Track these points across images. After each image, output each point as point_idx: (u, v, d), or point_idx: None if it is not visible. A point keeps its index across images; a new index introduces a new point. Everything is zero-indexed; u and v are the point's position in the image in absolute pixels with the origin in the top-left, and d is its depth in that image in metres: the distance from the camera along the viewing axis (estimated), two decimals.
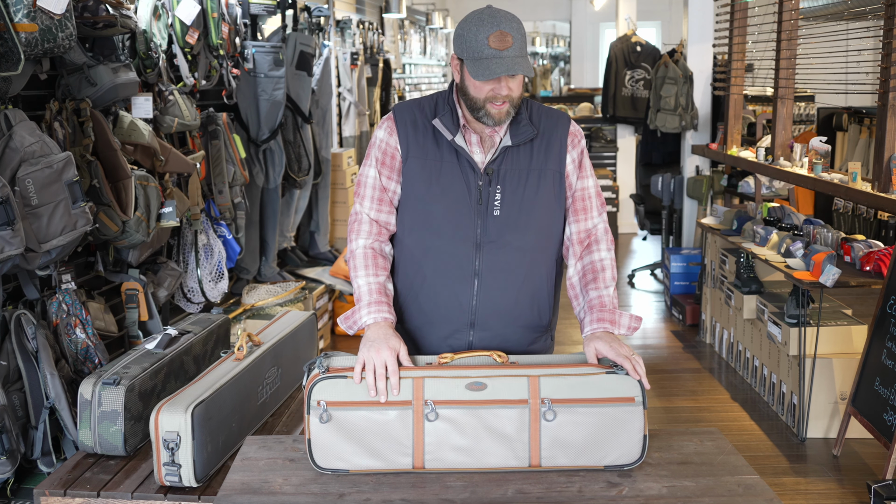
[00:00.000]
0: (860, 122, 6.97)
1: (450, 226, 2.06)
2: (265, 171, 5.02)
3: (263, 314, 4.73)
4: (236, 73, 4.55)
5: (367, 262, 2.08)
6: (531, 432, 1.85)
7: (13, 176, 2.67)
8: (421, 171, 2.07)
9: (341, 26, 6.97)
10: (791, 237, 4.41)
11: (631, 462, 1.88)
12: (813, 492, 3.51)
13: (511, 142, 2.05)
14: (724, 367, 5.04)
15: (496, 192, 2.05)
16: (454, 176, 2.05)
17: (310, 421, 1.86)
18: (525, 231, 2.07)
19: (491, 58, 1.93)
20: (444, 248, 2.07)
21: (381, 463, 1.86)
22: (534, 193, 2.07)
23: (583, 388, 1.86)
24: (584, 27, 14.05)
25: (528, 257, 2.09)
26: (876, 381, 3.57)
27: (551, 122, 2.12)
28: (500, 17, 1.94)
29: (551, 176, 2.09)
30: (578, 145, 2.14)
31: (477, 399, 1.84)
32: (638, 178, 7.59)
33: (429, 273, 2.09)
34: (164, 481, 2.29)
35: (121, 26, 3.27)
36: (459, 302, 2.08)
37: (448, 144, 2.06)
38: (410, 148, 2.09)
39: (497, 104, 1.99)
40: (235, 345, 2.65)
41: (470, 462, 1.86)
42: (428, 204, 2.07)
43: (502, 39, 1.93)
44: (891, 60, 3.96)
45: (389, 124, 2.12)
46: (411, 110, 2.12)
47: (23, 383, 2.83)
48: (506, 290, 2.08)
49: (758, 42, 5.97)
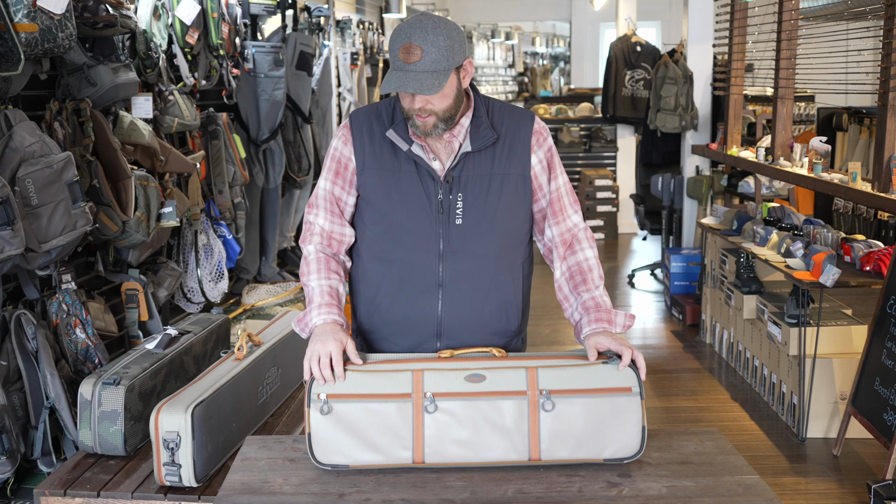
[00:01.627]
0: (860, 122, 6.96)
1: (411, 236, 2.02)
2: (265, 171, 5.02)
3: (263, 314, 4.73)
4: (236, 73, 4.55)
5: (320, 266, 2.05)
6: (530, 423, 1.86)
7: (13, 176, 2.67)
8: (379, 182, 2.03)
9: (341, 26, 6.97)
10: (791, 237, 4.41)
11: (630, 455, 1.89)
12: (813, 492, 3.51)
13: (471, 147, 1.99)
14: (724, 367, 5.04)
15: (458, 200, 2.00)
16: (413, 185, 2.00)
17: (310, 414, 1.86)
18: (489, 238, 2.03)
19: (396, 70, 1.89)
20: (407, 259, 2.03)
21: (381, 457, 1.86)
22: (496, 199, 2.02)
23: (580, 378, 1.88)
24: (584, 27, 14.05)
25: (493, 264, 2.05)
26: (876, 381, 3.57)
27: (514, 122, 2.05)
28: (417, 27, 1.87)
29: (514, 180, 2.03)
30: (544, 144, 2.07)
31: (476, 391, 1.86)
32: (638, 178, 7.59)
33: (392, 284, 2.06)
34: (164, 481, 2.29)
35: (121, 26, 3.27)
36: (424, 313, 2.05)
37: (405, 153, 2.01)
38: (367, 159, 2.04)
39: (421, 116, 1.93)
40: (235, 345, 2.65)
41: (469, 456, 1.86)
42: (388, 215, 2.03)
43: (409, 51, 1.87)
44: (891, 60, 3.96)
45: (345, 133, 2.07)
46: (368, 118, 2.06)
47: (23, 383, 2.83)
48: (471, 299, 2.05)
49: (758, 42, 5.96)
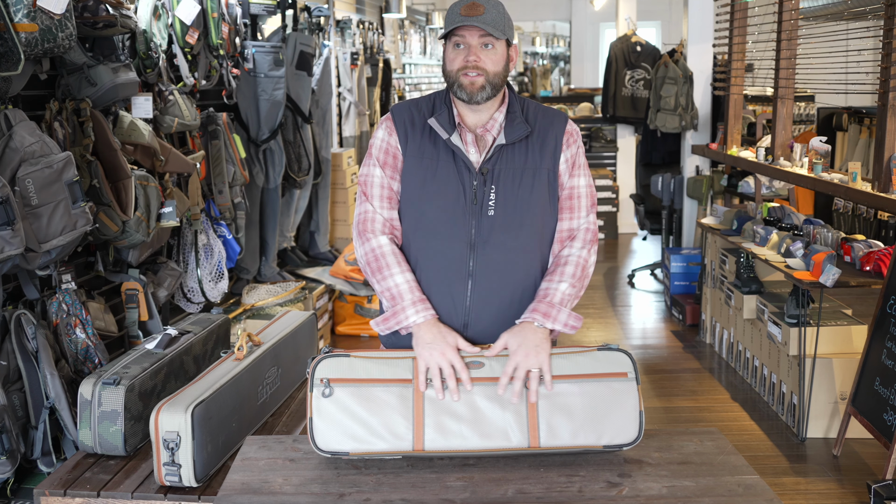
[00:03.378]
0: (860, 122, 6.97)
1: (444, 226, 2.05)
2: (265, 171, 5.02)
3: (263, 314, 4.73)
4: (236, 73, 4.55)
5: (399, 259, 2.06)
6: (528, 407, 1.90)
7: (13, 176, 2.67)
8: (417, 170, 2.07)
9: (341, 26, 6.97)
10: (791, 237, 4.41)
11: (629, 441, 1.91)
12: (813, 492, 3.51)
13: (505, 140, 2.05)
14: (724, 367, 5.04)
15: (491, 192, 2.04)
16: (450, 176, 2.05)
17: (312, 399, 1.89)
18: (519, 231, 2.06)
19: (457, 20, 1.99)
20: (438, 248, 2.06)
21: (381, 443, 1.88)
22: (528, 193, 2.06)
23: (576, 364, 1.94)
24: (584, 27, 14.05)
25: (522, 257, 2.08)
26: (876, 381, 3.57)
27: (547, 120, 2.11)
28: None
29: (546, 175, 2.08)
30: (574, 144, 2.13)
31: (475, 376, 1.92)
32: (638, 178, 7.59)
33: (423, 273, 2.08)
34: (164, 481, 2.29)
35: (121, 26, 3.27)
36: (454, 302, 2.07)
37: (444, 144, 2.06)
38: (409, 147, 2.09)
39: (469, 75, 2.00)
40: (235, 345, 2.65)
41: (469, 443, 1.88)
42: (423, 203, 2.07)
43: (473, 8, 1.97)
44: (891, 60, 3.96)
45: (388, 124, 2.13)
46: (409, 110, 2.13)
47: (23, 383, 2.83)
48: (500, 290, 2.07)
49: (758, 42, 5.96)
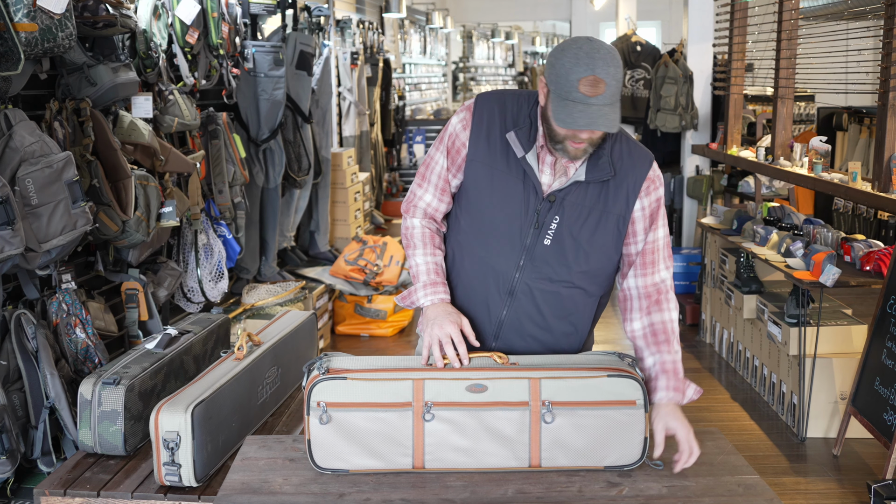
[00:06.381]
0: (860, 121, 6.97)
1: (497, 240, 1.99)
2: (265, 170, 5.02)
3: (263, 314, 4.73)
4: (236, 73, 4.55)
5: (426, 241, 2.06)
6: (531, 434, 1.84)
7: (13, 176, 2.67)
8: (484, 177, 1.99)
9: (341, 26, 6.97)
10: (791, 237, 4.41)
11: (631, 463, 1.89)
12: (813, 492, 3.51)
13: (584, 177, 1.95)
14: (724, 367, 5.04)
15: (553, 221, 1.96)
16: (515, 192, 1.97)
17: (309, 422, 1.85)
18: (570, 268, 1.98)
19: (577, 103, 1.78)
20: (487, 259, 2.01)
21: (381, 463, 1.85)
22: (590, 233, 1.97)
23: (584, 390, 1.85)
24: (584, 27, 14.05)
25: (567, 292, 2.01)
26: (876, 381, 3.57)
27: (631, 161, 1.98)
28: (598, 57, 1.77)
29: (615, 220, 1.98)
30: (654, 192, 2.00)
31: (477, 401, 1.84)
32: None
33: (467, 277, 2.05)
34: (164, 481, 2.29)
35: (121, 26, 3.27)
36: (489, 313, 2.03)
37: (518, 159, 1.97)
38: (479, 151, 2.00)
39: (576, 143, 1.87)
40: (235, 345, 2.65)
41: (470, 462, 1.85)
42: (482, 211, 2.01)
43: (595, 86, 1.77)
44: (891, 60, 3.96)
45: (466, 116, 2.03)
46: (492, 109, 2.00)
47: (23, 383, 2.83)
48: (536, 316, 2.02)
49: (758, 42, 5.96)
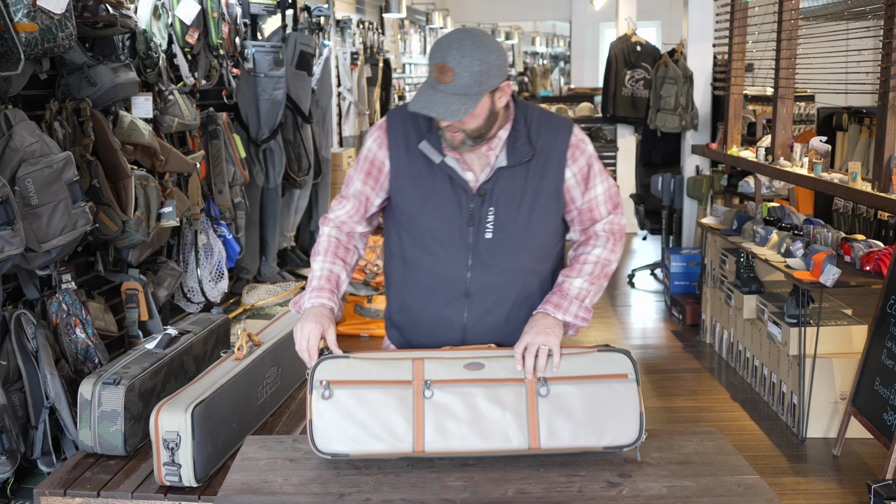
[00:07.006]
0: (860, 122, 6.97)
1: (441, 246, 2.02)
2: (265, 170, 5.02)
3: (263, 314, 4.73)
4: (236, 73, 4.55)
5: (328, 250, 2.07)
6: (528, 409, 1.88)
7: (13, 176, 2.67)
8: (412, 189, 2.02)
9: (341, 26, 6.98)
10: (791, 237, 4.41)
11: (629, 443, 1.90)
12: (813, 492, 3.51)
13: (506, 162, 1.98)
14: (724, 367, 5.04)
15: (489, 213, 1.99)
16: (445, 196, 1.99)
17: (311, 401, 1.89)
18: (517, 253, 2.02)
19: (427, 86, 1.85)
20: (435, 267, 2.04)
21: (381, 445, 1.87)
22: (528, 215, 2.00)
23: (576, 365, 1.93)
24: (584, 27, 14.04)
25: (521, 277, 2.05)
26: (876, 381, 3.57)
27: (551, 134, 2.01)
28: (456, 47, 1.82)
29: (547, 195, 2.01)
30: (581, 157, 2.02)
31: (475, 378, 1.90)
32: (638, 178, 7.58)
33: (420, 290, 2.07)
34: (164, 481, 2.29)
35: (121, 26, 3.27)
36: (451, 320, 2.06)
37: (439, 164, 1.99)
38: (401, 165, 2.02)
39: (451, 132, 1.91)
40: (235, 345, 2.65)
41: (469, 444, 1.87)
42: (419, 223, 2.03)
43: (442, 72, 1.83)
44: (891, 60, 3.96)
45: (380, 135, 2.05)
46: (405, 121, 2.03)
47: (23, 383, 2.83)
48: (497, 309, 2.05)
49: (758, 42, 5.96)
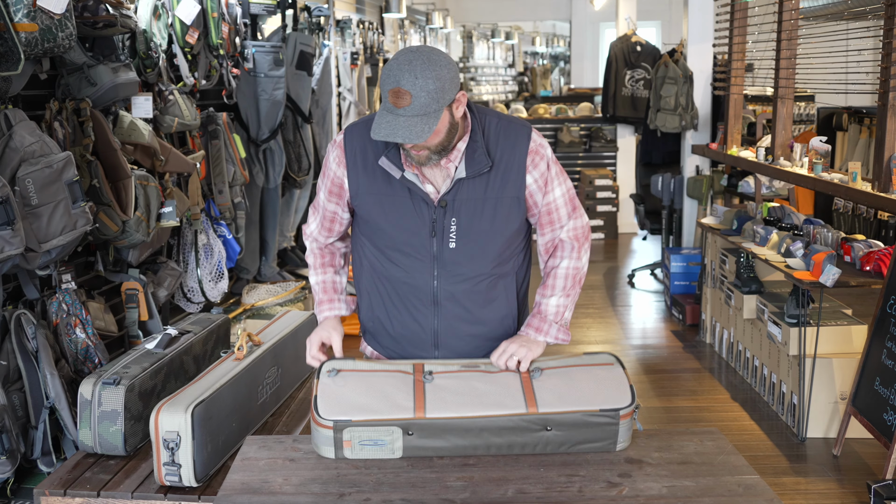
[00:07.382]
0: (860, 122, 6.97)
1: (406, 258, 2.06)
2: (265, 170, 5.02)
3: (263, 314, 4.73)
4: (236, 73, 4.55)
5: (316, 263, 2.24)
6: (524, 388, 1.99)
7: (13, 176, 2.67)
8: (375, 205, 2.05)
9: (341, 26, 6.97)
10: (791, 237, 4.41)
11: (624, 405, 1.96)
12: (813, 492, 3.51)
13: (465, 174, 1.99)
14: (724, 367, 5.04)
15: (451, 223, 2.02)
16: (407, 209, 2.02)
17: (318, 383, 1.98)
18: (481, 260, 2.07)
19: (386, 112, 1.85)
20: (403, 277, 2.09)
21: (384, 411, 1.92)
22: (490, 223, 2.03)
23: (564, 361, 2.09)
24: (584, 27, 14.05)
25: (486, 282, 2.10)
26: (876, 381, 3.57)
27: (509, 143, 2.02)
28: (407, 69, 1.82)
29: (508, 203, 2.04)
30: (540, 163, 2.04)
31: (472, 370, 2.04)
32: (638, 178, 7.58)
33: (389, 300, 2.14)
34: (164, 481, 2.29)
35: (121, 26, 3.27)
36: (421, 327, 2.12)
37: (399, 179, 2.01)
38: (360, 184, 2.05)
39: (416, 150, 1.92)
40: (235, 345, 2.65)
41: (468, 410, 1.93)
42: (384, 236, 2.07)
43: (398, 96, 1.82)
44: (891, 60, 3.96)
45: (339, 153, 2.07)
46: (362, 139, 2.04)
47: (23, 383, 2.83)
48: (466, 315, 2.11)
49: (758, 42, 5.96)
